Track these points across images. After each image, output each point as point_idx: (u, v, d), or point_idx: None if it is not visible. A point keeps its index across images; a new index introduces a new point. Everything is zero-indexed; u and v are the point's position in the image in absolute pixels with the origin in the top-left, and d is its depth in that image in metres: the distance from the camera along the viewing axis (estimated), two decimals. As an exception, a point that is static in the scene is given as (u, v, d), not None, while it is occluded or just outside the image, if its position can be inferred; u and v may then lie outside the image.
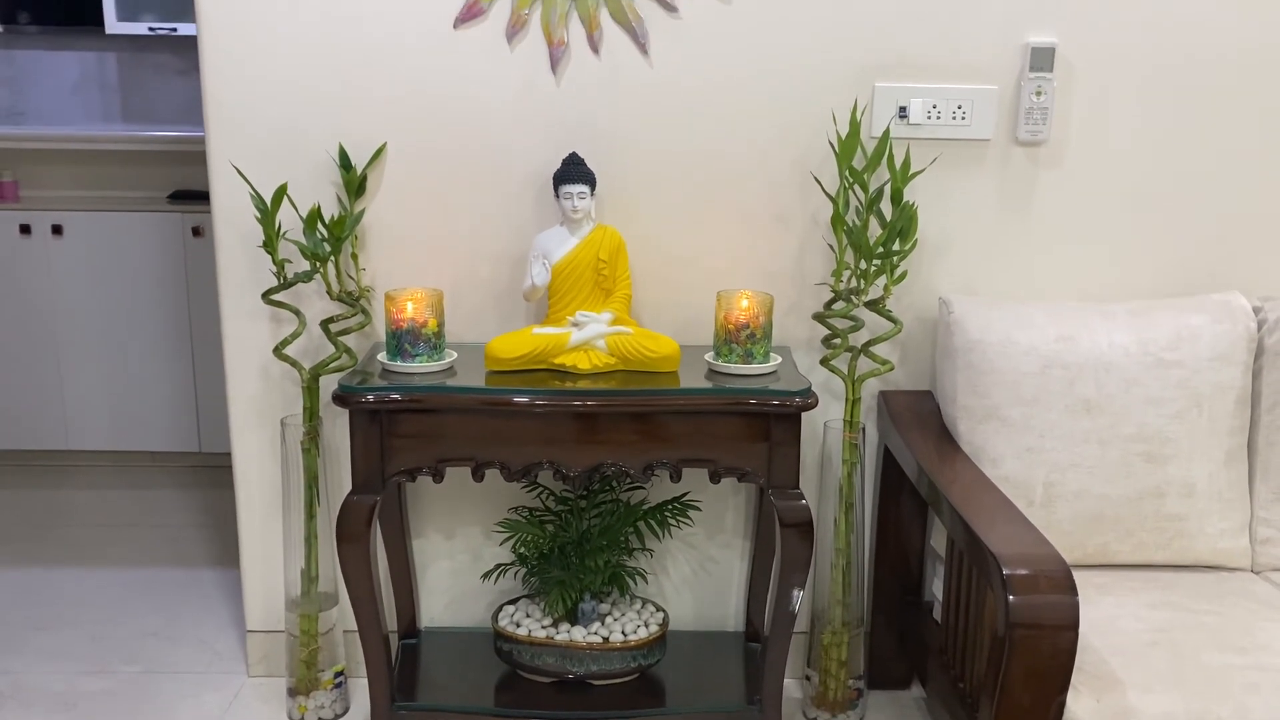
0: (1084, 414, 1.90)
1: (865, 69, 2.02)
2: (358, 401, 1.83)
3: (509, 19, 1.99)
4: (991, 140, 2.05)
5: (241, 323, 2.12)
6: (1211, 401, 1.91)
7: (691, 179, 2.07)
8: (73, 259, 3.25)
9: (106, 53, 4.94)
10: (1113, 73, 2.03)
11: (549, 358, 1.92)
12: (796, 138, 2.05)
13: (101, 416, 3.34)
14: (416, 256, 2.10)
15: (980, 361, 1.93)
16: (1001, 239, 2.10)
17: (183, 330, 3.30)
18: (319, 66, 2.00)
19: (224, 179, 2.05)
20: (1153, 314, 1.97)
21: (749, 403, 1.84)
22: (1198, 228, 2.10)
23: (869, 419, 2.17)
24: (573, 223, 1.98)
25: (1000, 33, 2.01)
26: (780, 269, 2.11)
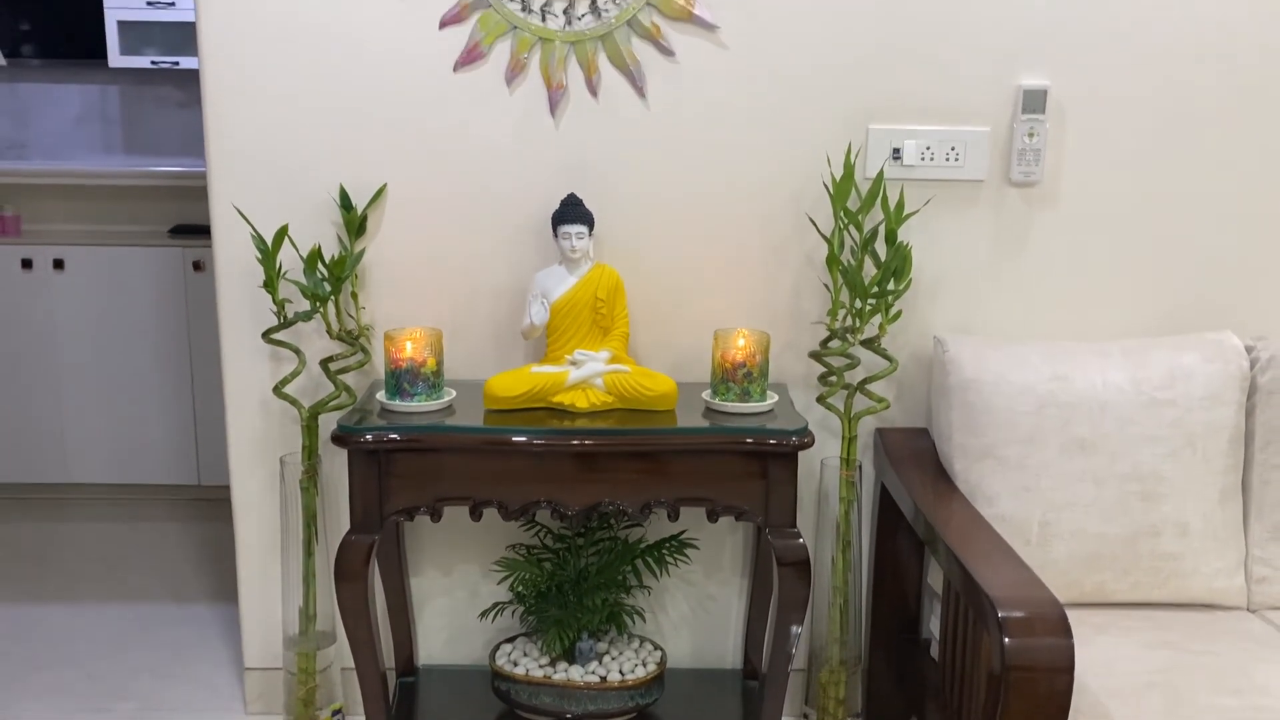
0: (1079, 453, 1.91)
1: (859, 111, 2.05)
2: (356, 441, 1.84)
3: (508, 63, 2.01)
4: (985, 181, 2.08)
5: (242, 361, 2.13)
6: (1205, 440, 1.93)
7: (688, 218, 2.09)
8: (74, 293, 3.27)
9: (109, 86, 4.99)
10: (1104, 114, 2.05)
11: (547, 396, 1.93)
12: (792, 178, 2.07)
13: (101, 449, 3.34)
14: (416, 295, 2.12)
15: (976, 400, 1.95)
16: (996, 278, 2.12)
17: (182, 363, 3.31)
18: (321, 108, 2.03)
19: (225, 219, 2.07)
20: (1146, 353, 1.99)
21: (746, 442, 1.86)
22: (1190, 267, 2.12)
23: (865, 456, 2.18)
24: (571, 262, 2.00)
25: (993, 75, 2.04)
26: (776, 307, 2.13)
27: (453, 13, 1.99)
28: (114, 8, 4.52)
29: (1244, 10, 2.01)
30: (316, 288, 1.96)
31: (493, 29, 2.00)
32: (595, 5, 1.98)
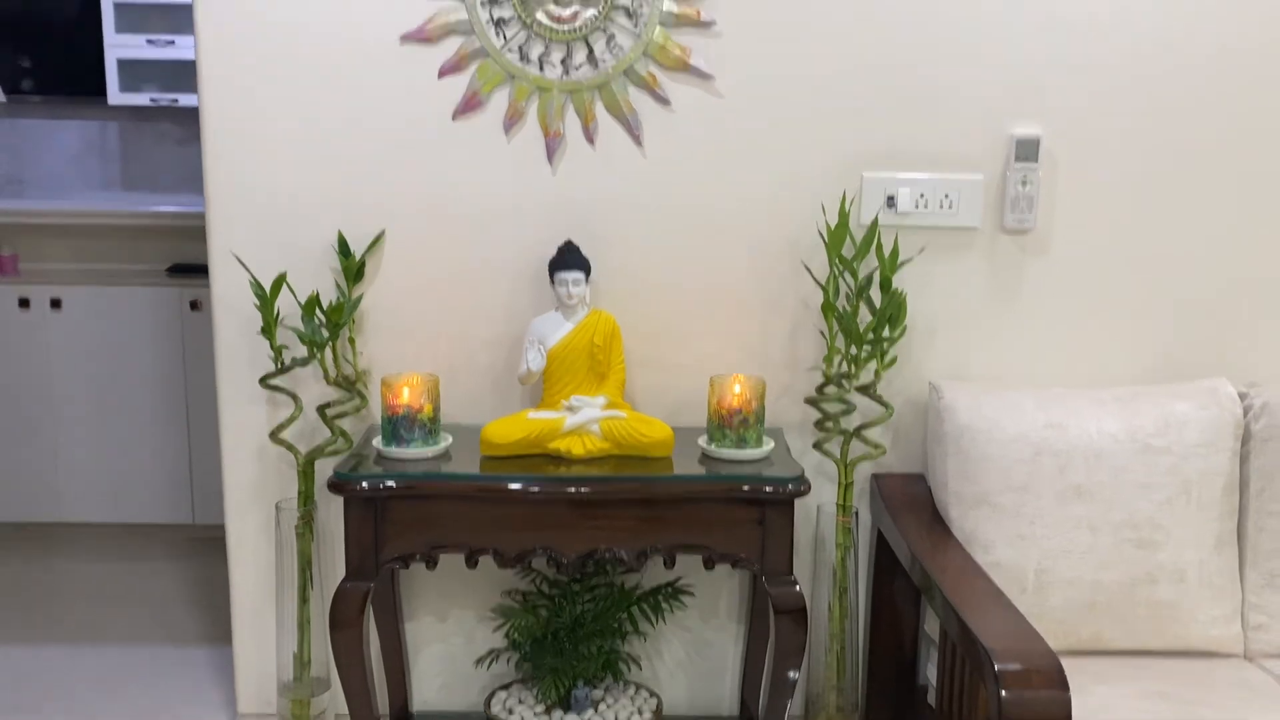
0: (1075, 500, 1.92)
1: (853, 159, 2.07)
2: (352, 489, 1.84)
3: (507, 111, 2.03)
4: (979, 228, 2.09)
5: (239, 406, 2.13)
6: (1200, 488, 1.93)
7: (684, 265, 2.10)
8: (71, 332, 3.27)
9: (108, 122, 5.01)
10: (1097, 162, 2.08)
11: (544, 443, 1.93)
12: (787, 226, 2.09)
13: (95, 488, 3.33)
14: (413, 340, 2.12)
15: (971, 448, 1.95)
16: (990, 324, 2.13)
17: (178, 402, 3.31)
18: (320, 153, 2.04)
19: (224, 265, 2.08)
20: (1140, 400, 1.99)
21: (742, 489, 1.86)
22: (1182, 313, 2.13)
23: (862, 502, 2.18)
24: (568, 308, 2.01)
25: (985, 124, 2.06)
26: (772, 352, 2.14)
27: (451, 62, 2.01)
28: (114, 46, 4.56)
29: (1235, 61, 2.04)
30: (314, 334, 1.97)
31: (491, 78, 2.02)
32: (592, 55, 2.00)
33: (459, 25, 1.99)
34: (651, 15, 1.98)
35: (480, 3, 1.98)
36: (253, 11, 1.99)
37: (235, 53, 2.00)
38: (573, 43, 2.00)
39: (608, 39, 2.00)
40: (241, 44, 2.00)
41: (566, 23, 1.98)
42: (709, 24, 2.00)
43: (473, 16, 1.98)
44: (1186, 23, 2.03)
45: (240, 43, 2.00)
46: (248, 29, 2.00)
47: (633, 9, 1.98)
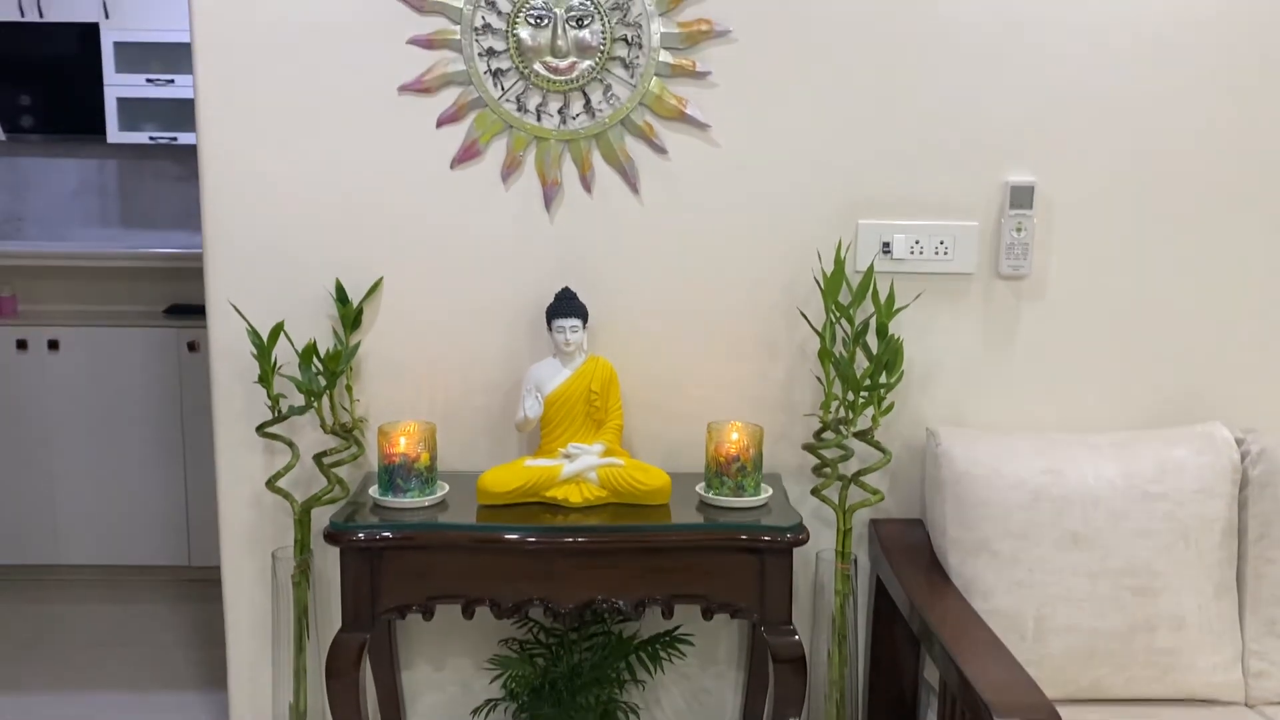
0: (1073, 547, 1.91)
1: (849, 206, 2.08)
2: (348, 540, 1.84)
3: (505, 160, 2.05)
4: (974, 274, 2.10)
5: (236, 454, 2.13)
6: (1198, 534, 1.93)
7: (681, 311, 2.11)
8: (68, 374, 3.27)
9: (107, 160, 5.04)
10: (1091, 209, 2.09)
11: (541, 491, 1.93)
12: (783, 272, 2.10)
13: (92, 530, 3.32)
14: (411, 386, 2.12)
15: (968, 494, 1.95)
16: (986, 370, 2.13)
17: (175, 443, 3.30)
18: (318, 201, 2.05)
19: (221, 314, 2.08)
20: (1137, 446, 2.00)
21: (740, 538, 1.86)
22: (1178, 358, 2.14)
23: (860, 547, 2.18)
24: (565, 355, 2.01)
25: (980, 171, 2.07)
26: (769, 397, 2.14)
27: (450, 112, 2.02)
28: (114, 85, 4.59)
29: (1227, 109, 2.06)
30: (311, 383, 1.97)
31: (489, 128, 2.03)
32: (589, 105, 2.02)
33: (457, 76, 2.01)
34: (648, 66, 2.00)
35: (478, 54, 2.00)
36: (251, 61, 2.01)
37: (234, 100, 2.02)
38: (570, 93, 2.01)
39: (604, 89, 2.01)
40: (240, 91, 2.02)
41: (564, 74, 2.00)
42: (704, 75, 2.02)
43: (471, 68, 2.00)
44: (1179, 70, 2.05)
45: (239, 90, 2.02)
46: (247, 76, 2.01)
47: (629, 60, 2.00)
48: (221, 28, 1.99)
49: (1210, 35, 2.04)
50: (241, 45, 2.00)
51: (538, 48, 1.99)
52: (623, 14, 1.99)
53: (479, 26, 1.99)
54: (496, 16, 1.99)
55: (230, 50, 2.00)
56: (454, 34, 1.99)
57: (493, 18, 1.99)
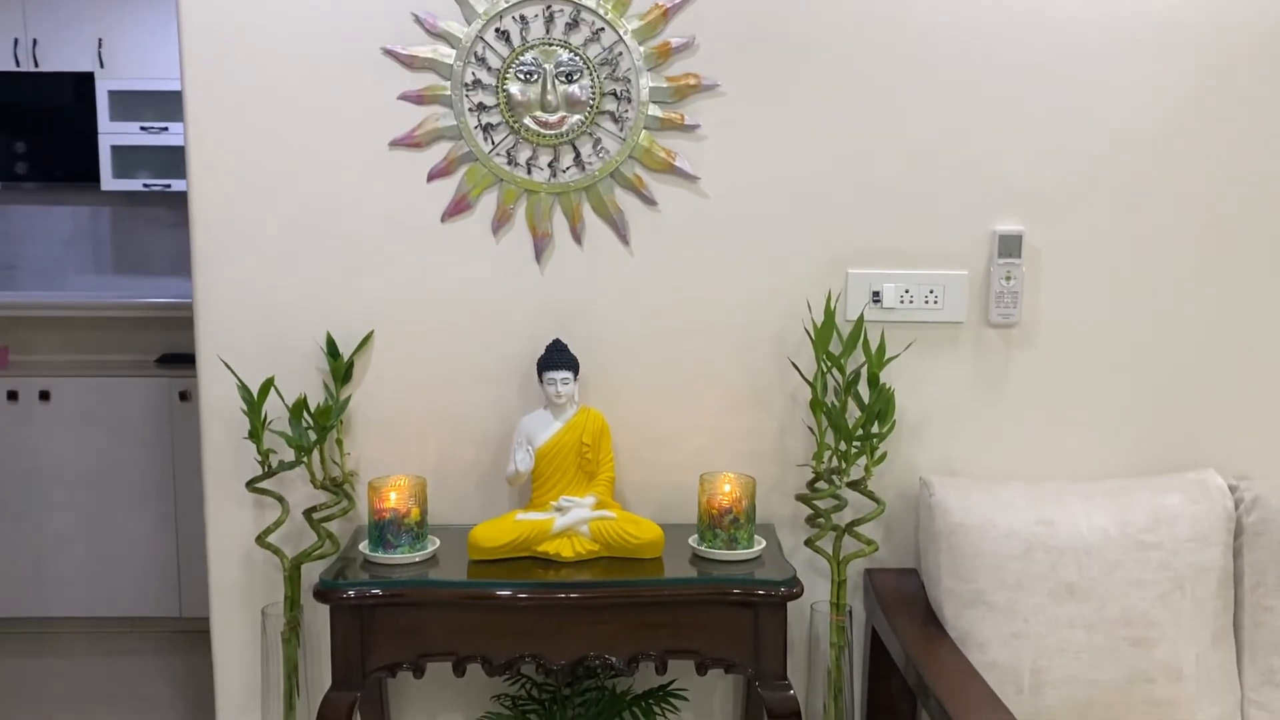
0: (1068, 598, 1.90)
1: (838, 256, 2.08)
2: (338, 597, 1.82)
3: (495, 213, 2.05)
4: (964, 323, 2.11)
5: (225, 509, 2.12)
6: (1194, 583, 1.92)
7: (672, 361, 2.11)
8: (59, 424, 3.26)
9: (101, 207, 5.06)
10: (1080, 256, 2.10)
11: (532, 545, 1.92)
12: (774, 322, 2.10)
13: (81, 582, 3.29)
14: (401, 440, 2.12)
15: (963, 545, 1.94)
16: (979, 418, 2.13)
17: (166, 493, 3.29)
18: (309, 255, 2.06)
19: (211, 368, 2.08)
20: (1130, 494, 1.99)
21: (733, 592, 1.84)
22: (1169, 405, 2.14)
23: (855, 597, 2.16)
24: (556, 407, 2.01)
25: (968, 220, 2.08)
26: (762, 447, 2.13)
27: (440, 166, 2.03)
28: (108, 133, 4.62)
29: (1215, 154, 2.07)
30: (301, 438, 1.96)
31: (479, 181, 2.04)
32: (579, 159, 2.03)
33: (448, 131, 2.02)
34: (637, 120, 2.01)
35: (469, 109, 2.01)
36: (242, 112, 2.02)
37: (224, 152, 2.02)
38: (560, 147, 2.02)
39: (594, 143, 2.03)
40: (231, 143, 2.02)
41: (554, 128, 2.01)
42: (693, 128, 2.03)
43: (461, 122, 2.01)
44: (1166, 116, 2.06)
45: (230, 142, 2.02)
46: (237, 128, 2.02)
47: (618, 114, 2.02)
48: (212, 79, 2.01)
49: (1198, 86, 2.06)
50: (232, 97, 2.01)
51: (528, 103, 2.01)
52: (612, 69, 2.00)
53: (469, 82, 2.00)
54: (487, 73, 2.00)
55: (221, 101, 2.01)
56: (444, 90, 2.01)
57: (483, 74, 2.00)
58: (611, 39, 1.99)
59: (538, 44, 1.99)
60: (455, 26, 1.99)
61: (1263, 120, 2.07)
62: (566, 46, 1.99)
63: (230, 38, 2.00)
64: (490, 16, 1.98)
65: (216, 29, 1.99)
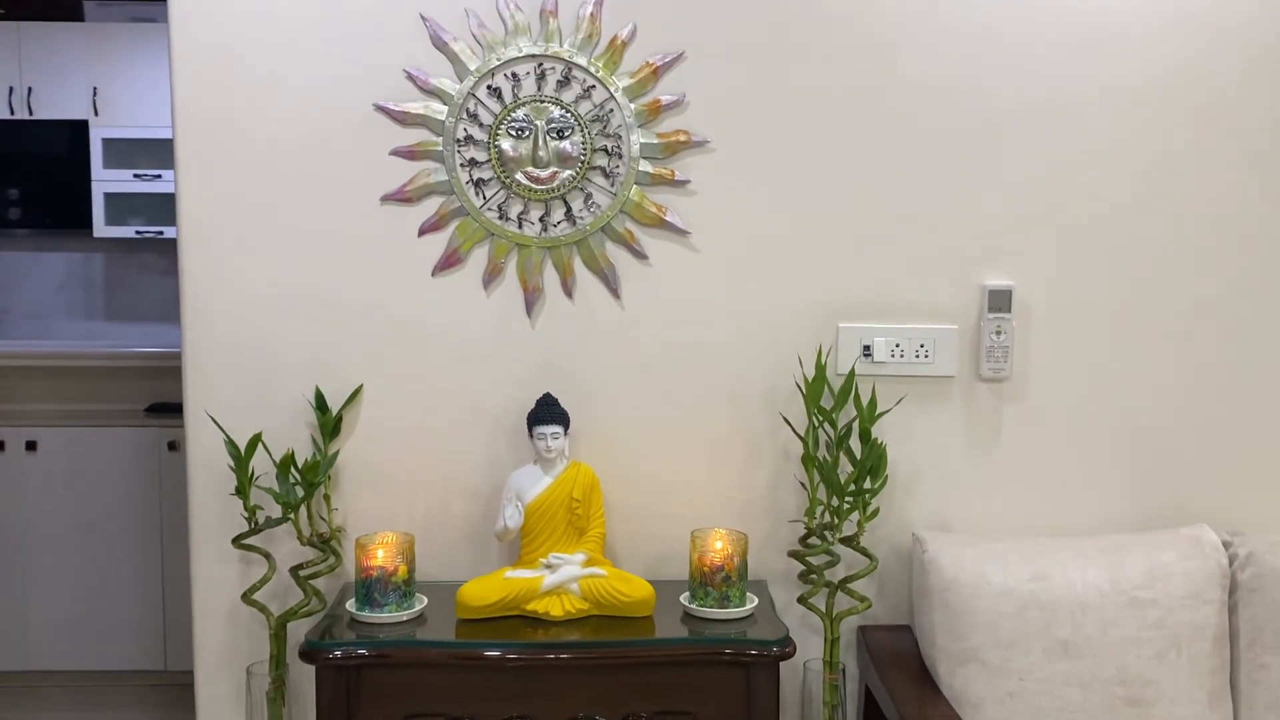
0: (1063, 656, 1.88)
1: (829, 310, 2.09)
2: (324, 658, 1.79)
3: (486, 267, 2.05)
4: (955, 377, 2.10)
5: (211, 565, 2.09)
6: (1189, 641, 1.90)
7: (664, 416, 2.10)
8: (46, 474, 3.23)
9: (93, 253, 5.06)
10: (1069, 311, 2.10)
11: (521, 604, 1.90)
12: (765, 376, 2.09)
13: (65, 635, 3.25)
14: (390, 495, 2.10)
15: (956, 602, 1.92)
16: (971, 473, 2.12)
17: (153, 545, 3.25)
18: (299, 308, 2.05)
19: (199, 423, 2.06)
20: (1124, 550, 1.98)
21: (725, 652, 1.82)
22: (1162, 459, 2.13)
23: (849, 654, 2.14)
24: (546, 462, 1.99)
25: (958, 275, 2.09)
26: (754, 502, 2.12)
27: (431, 221, 2.04)
28: (101, 180, 4.63)
29: (1203, 209, 2.09)
30: (289, 494, 1.94)
31: (470, 236, 2.04)
32: (570, 213, 2.04)
33: (439, 186, 2.03)
34: (628, 175, 2.02)
35: (460, 164, 2.02)
36: (233, 164, 2.02)
37: (215, 203, 2.02)
38: (551, 202, 2.03)
39: (585, 198, 2.03)
40: (222, 195, 2.02)
41: (545, 183, 2.02)
42: (684, 183, 2.04)
43: (453, 178, 2.02)
44: (1155, 171, 2.08)
45: (220, 193, 2.02)
46: (229, 180, 2.02)
47: (609, 169, 2.02)
48: (203, 130, 2.01)
49: (1186, 141, 2.08)
50: (223, 148, 2.01)
51: (519, 158, 2.01)
52: (603, 125, 2.01)
53: (461, 138, 2.01)
54: (478, 129, 2.01)
55: (212, 152, 2.01)
56: (436, 145, 2.02)
57: (475, 130, 2.01)
58: (603, 96, 2.01)
59: (529, 100, 2.01)
60: (447, 83, 2.01)
61: (1250, 175, 2.09)
62: (558, 103, 2.01)
63: (223, 89, 2.01)
64: (482, 74, 2.00)
65: (209, 80, 2.00)
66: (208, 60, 2.00)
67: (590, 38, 2.00)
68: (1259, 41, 2.06)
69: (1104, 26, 2.05)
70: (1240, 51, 2.06)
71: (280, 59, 2.00)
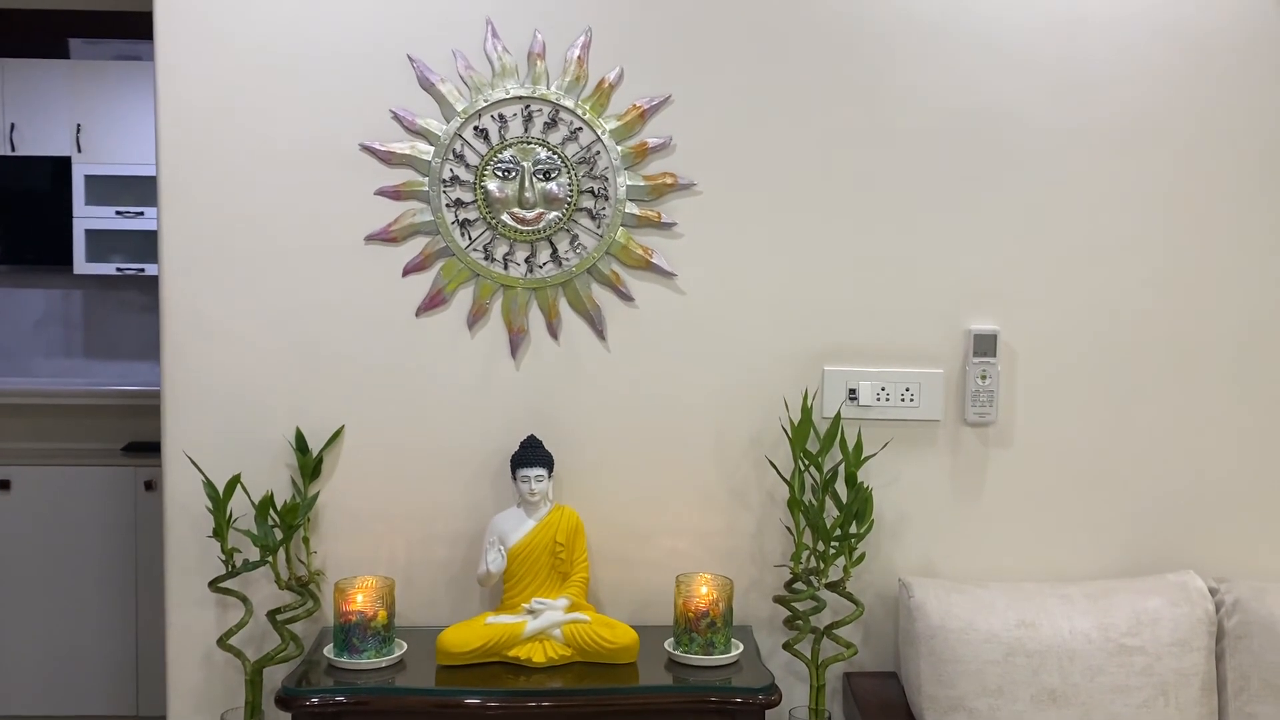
0: (1050, 705, 1.86)
1: (814, 354, 2.08)
2: (301, 705, 1.76)
3: (471, 308, 2.04)
4: (941, 421, 2.10)
5: (187, 609, 2.05)
6: (1177, 689, 1.89)
7: (648, 459, 2.08)
8: (19, 514, 3.17)
9: (73, 290, 5.02)
10: (1054, 356, 2.10)
11: (503, 650, 1.86)
12: (750, 419, 2.08)
13: (35, 678, 3.17)
14: (370, 537, 2.07)
15: (943, 649, 1.90)
16: (957, 518, 2.11)
17: (128, 586, 3.19)
18: (280, 348, 2.03)
19: (176, 464, 2.03)
20: (1110, 597, 1.97)
21: (710, 700, 1.79)
22: (1147, 503, 2.13)
23: (834, 702, 2.11)
24: (530, 505, 1.97)
25: (943, 320, 2.09)
26: (739, 546, 2.10)
27: (416, 261, 2.03)
28: (82, 217, 4.61)
29: (1189, 253, 2.10)
30: (267, 537, 1.91)
31: (455, 276, 2.03)
32: (556, 254, 2.03)
33: (424, 226, 2.02)
34: (614, 217, 2.02)
35: (446, 204, 2.01)
36: (217, 201, 2.01)
37: (197, 241, 2.01)
38: (537, 243, 2.03)
39: (571, 239, 2.03)
40: (205, 233, 2.01)
41: (531, 224, 2.01)
42: (670, 225, 2.04)
43: (438, 218, 2.01)
44: (1140, 216, 2.09)
45: (203, 231, 2.01)
46: (212, 218, 2.01)
47: (595, 211, 2.02)
48: (188, 167, 2.00)
49: (1172, 184, 2.09)
50: (207, 186, 2.00)
51: (505, 199, 2.01)
52: (589, 167, 2.02)
53: (447, 179, 2.01)
54: (465, 169, 2.01)
55: (195, 190, 2.00)
56: (422, 185, 2.01)
57: (461, 170, 2.01)
58: (589, 138, 2.01)
59: (516, 142, 2.01)
60: (434, 124, 2.01)
61: (1236, 219, 2.10)
62: (545, 145, 2.01)
63: (207, 127, 2.00)
64: (469, 115, 2.00)
65: (194, 118, 2.00)
66: (193, 98, 1.99)
67: (578, 80, 2.00)
68: (1243, 84, 2.08)
69: (1087, 70, 2.07)
70: (1225, 93, 2.08)
71: (266, 97, 2.00)
